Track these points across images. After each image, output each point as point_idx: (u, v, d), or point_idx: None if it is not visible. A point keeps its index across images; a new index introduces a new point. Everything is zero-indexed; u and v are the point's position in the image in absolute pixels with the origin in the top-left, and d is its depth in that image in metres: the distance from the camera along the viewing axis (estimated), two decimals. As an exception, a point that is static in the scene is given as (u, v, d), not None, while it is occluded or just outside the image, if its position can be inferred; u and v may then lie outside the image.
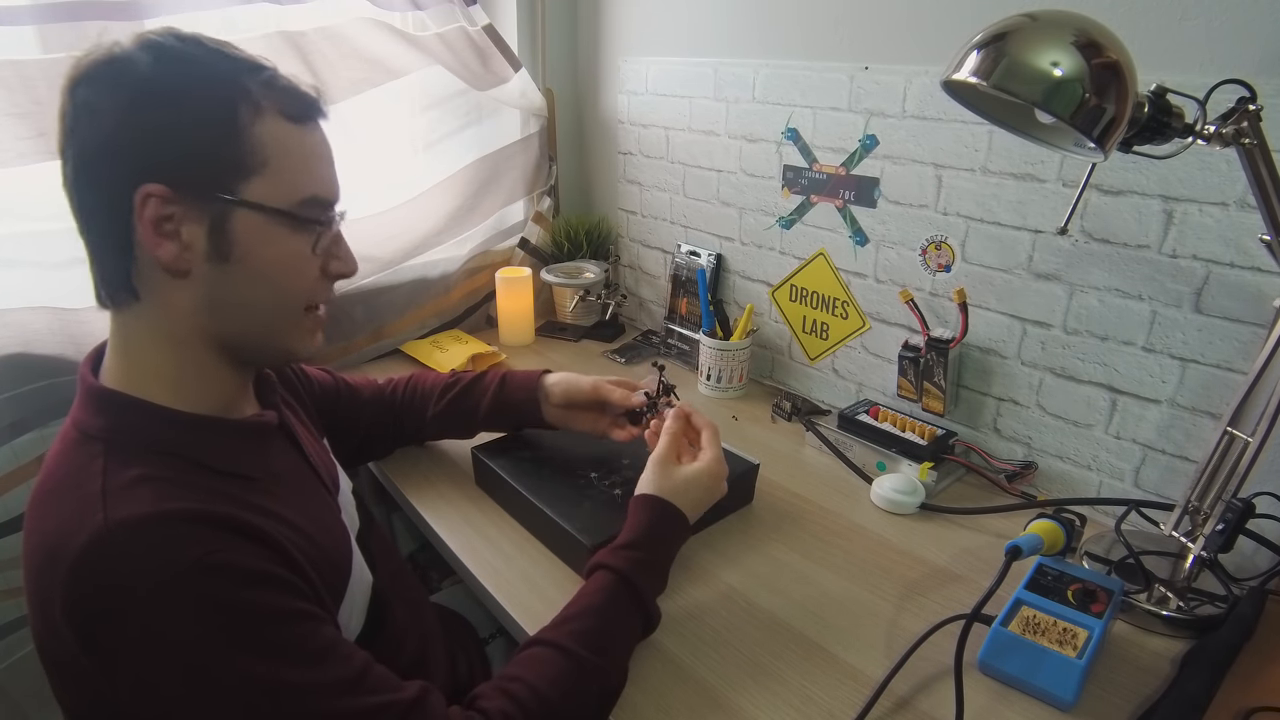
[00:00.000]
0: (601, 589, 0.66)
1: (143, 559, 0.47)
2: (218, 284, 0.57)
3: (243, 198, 0.55)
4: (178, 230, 0.54)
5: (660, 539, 0.72)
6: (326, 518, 0.67)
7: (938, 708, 0.64)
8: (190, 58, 0.54)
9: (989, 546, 0.86)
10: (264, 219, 0.56)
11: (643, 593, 0.67)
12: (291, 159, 0.57)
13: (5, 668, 1.00)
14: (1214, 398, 0.81)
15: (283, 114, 0.57)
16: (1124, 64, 0.59)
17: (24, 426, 0.95)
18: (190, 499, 0.51)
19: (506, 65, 1.33)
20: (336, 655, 0.52)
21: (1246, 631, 0.69)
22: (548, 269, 1.46)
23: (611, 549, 0.70)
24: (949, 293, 1.00)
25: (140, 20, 0.95)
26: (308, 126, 0.59)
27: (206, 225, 0.55)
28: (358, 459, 0.98)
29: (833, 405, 1.17)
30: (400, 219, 1.30)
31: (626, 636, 0.66)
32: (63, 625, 0.47)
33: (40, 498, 0.54)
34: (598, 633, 0.63)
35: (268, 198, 0.56)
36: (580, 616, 0.64)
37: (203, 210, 0.54)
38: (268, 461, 0.63)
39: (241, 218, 0.56)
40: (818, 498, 0.95)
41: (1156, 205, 0.81)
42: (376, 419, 0.94)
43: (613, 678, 0.63)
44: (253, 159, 0.55)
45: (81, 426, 0.55)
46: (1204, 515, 0.75)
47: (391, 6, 1.19)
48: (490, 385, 0.95)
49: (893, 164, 1.02)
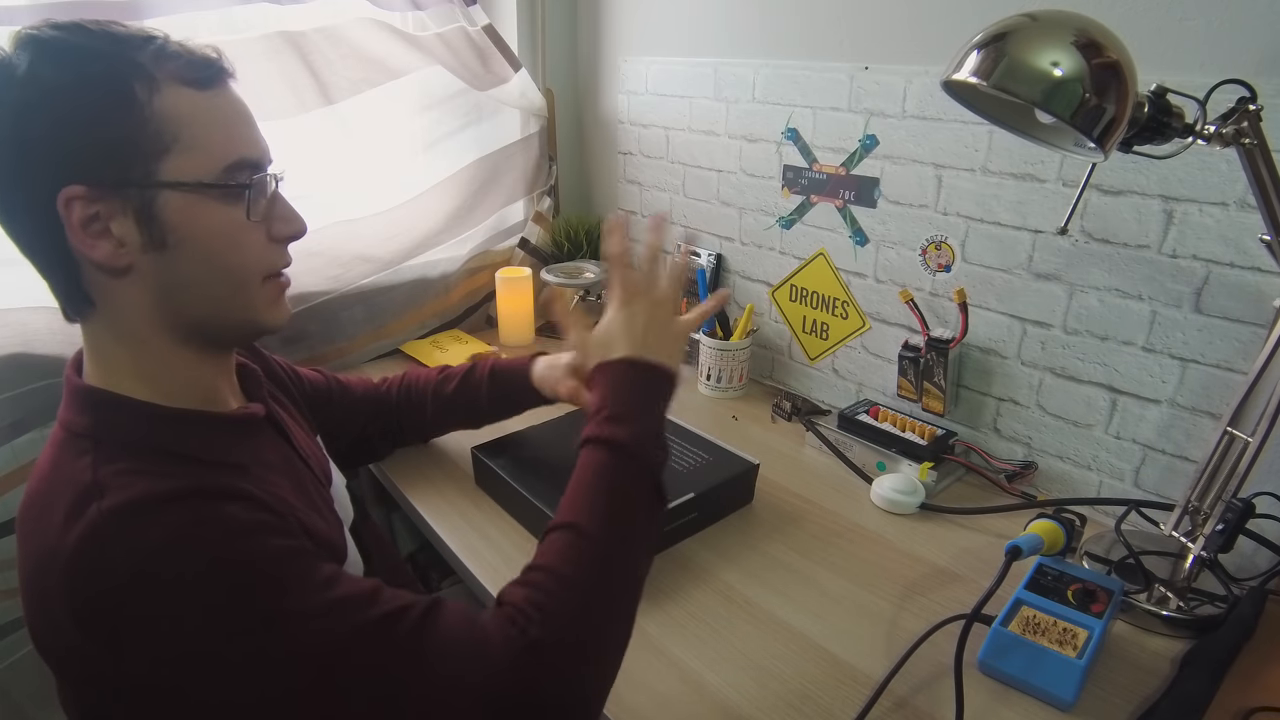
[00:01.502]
0: (588, 464, 0.62)
1: (141, 539, 0.47)
2: (163, 272, 0.55)
3: (162, 179, 0.52)
4: (107, 227, 0.52)
5: (633, 389, 0.65)
6: (320, 503, 0.66)
7: (938, 708, 0.64)
8: (71, 46, 0.51)
9: (989, 546, 0.86)
10: (189, 196, 0.54)
11: (629, 448, 0.61)
12: (203, 127, 0.54)
13: (5, 668, 1.00)
14: (1214, 398, 0.81)
15: (183, 82, 0.53)
16: (1124, 64, 0.59)
17: (24, 426, 0.95)
18: (175, 480, 0.51)
19: (506, 65, 1.33)
20: (345, 579, 0.52)
21: (1246, 631, 0.70)
22: (548, 269, 1.46)
23: (589, 420, 0.64)
24: (949, 293, 1.00)
25: (140, 20, 0.95)
26: (214, 90, 0.55)
27: (134, 216, 0.53)
28: (355, 459, 0.97)
29: (833, 405, 1.17)
30: (400, 219, 1.30)
31: (635, 499, 0.61)
32: (66, 618, 0.47)
33: (31, 499, 0.53)
34: (604, 500, 0.59)
35: (187, 173, 0.53)
36: (580, 489, 0.61)
37: (126, 201, 0.52)
38: (256, 453, 0.62)
39: (167, 200, 0.53)
40: (818, 498, 0.95)
41: (1156, 205, 0.81)
42: (374, 418, 0.93)
43: (632, 544, 0.60)
44: (162, 136, 0.52)
45: (68, 426, 0.55)
46: (1204, 515, 0.75)
47: (391, 6, 1.20)
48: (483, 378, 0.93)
49: (893, 164, 1.02)
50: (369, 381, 0.96)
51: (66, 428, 0.55)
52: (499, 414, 0.97)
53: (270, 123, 1.08)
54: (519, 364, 0.93)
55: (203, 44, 0.56)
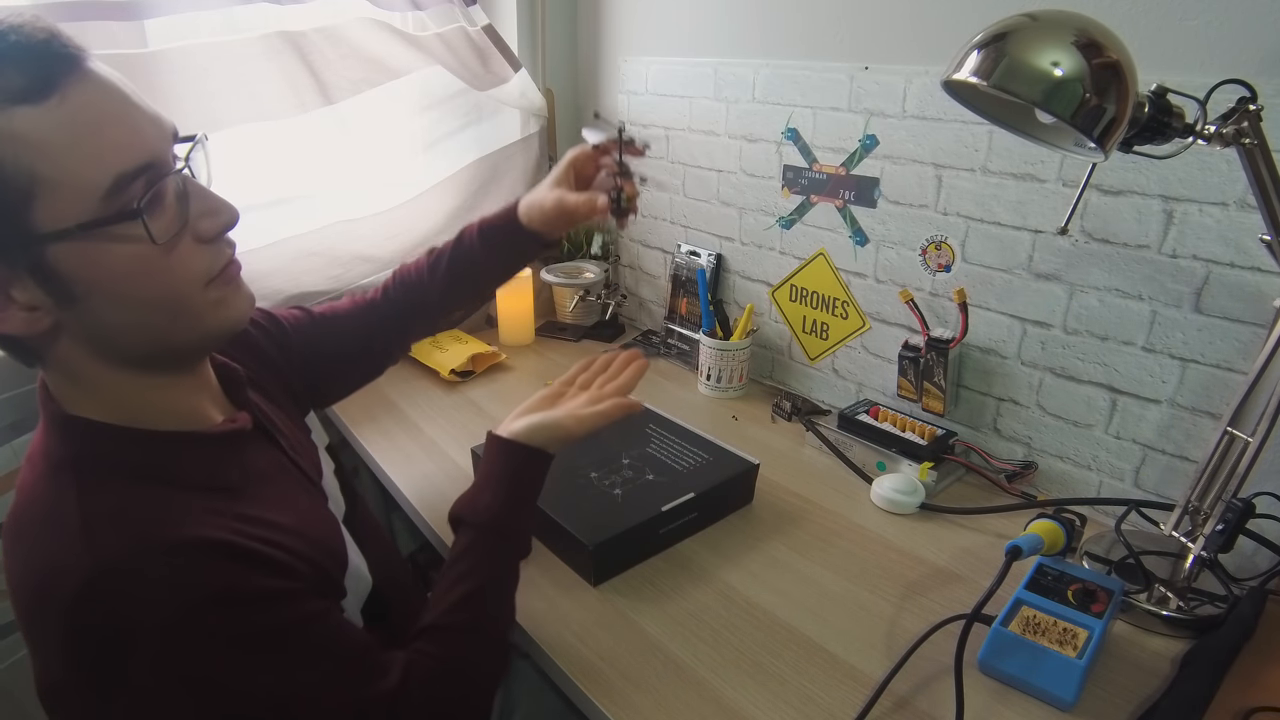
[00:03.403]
0: (467, 547, 0.67)
1: (138, 597, 0.46)
2: (89, 323, 0.50)
3: (39, 231, 0.45)
4: (10, 297, 0.47)
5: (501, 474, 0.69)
6: (315, 510, 0.66)
7: (938, 708, 0.64)
8: None
9: (989, 546, 0.86)
10: (76, 243, 0.46)
11: (501, 532, 0.67)
12: (59, 153, 0.44)
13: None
14: (1214, 398, 0.81)
15: (13, 100, 0.43)
16: (1124, 64, 0.59)
17: (24, 426, 0.95)
18: (173, 526, 0.49)
19: (506, 65, 1.33)
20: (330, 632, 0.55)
21: (1246, 631, 0.69)
22: (548, 269, 1.46)
23: (462, 500, 0.69)
24: (949, 293, 1.00)
25: (140, 20, 0.95)
26: (59, 97, 0.45)
27: (29, 278, 0.47)
28: (371, 374, 0.91)
29: (833, 405, 1.17)
30: (400, 219, 1.30)
31: (495, 569, 0.67)
32: (60, 663, 0.47)
33: (16, 528, 0.51)
34: (464, 588, 0.64)
35: (64, 217, 0.45)
36: (443, 581, 0.65)
37: (14, 265, 0.46)
38: (245, 466, 0.59)
39: (56, 253, 0.46)
40: (818, 498, 0.95)
41: (1156, 205, 0.81)
42: (376, 329, 0.87)
43: (498, 615, 0.66)
44: (16, 181, 0.44)
45: (49, 457, 0.52)
46: (1204, 515, 0.75)
47: (391, 6, 1.19)
48: (472, 236, 0.88)
49: (893, 164, 1.02)
50: (359, 297, 0.89)
51: (48, 459, 0.52)
52: (503, 268, 0.91)
53: (270, 123, 1.09)
54: (504, 210, 0.88)
55: (32, 28, 0.44)
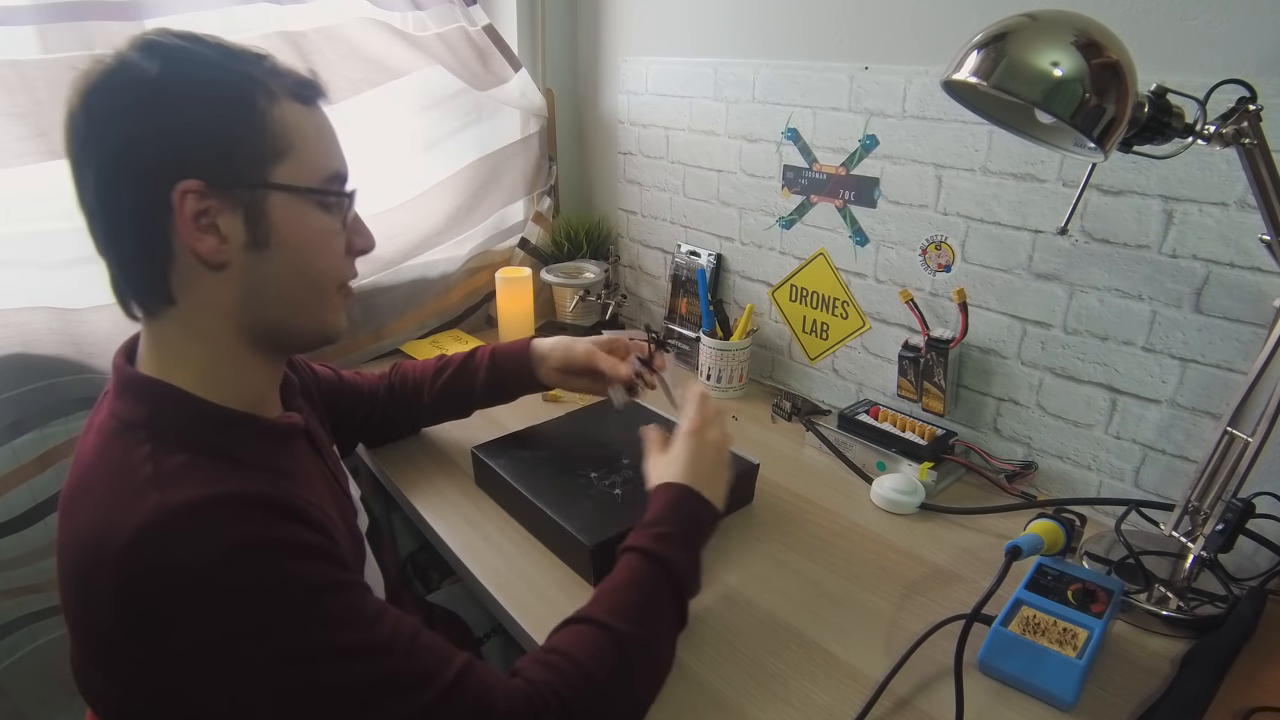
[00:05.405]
0: (630, 568, 0.66)
1: (199, 539, 0.47)
2: (255, 272, 0.58)
3: (274, 181, 0.56)
4: (215, 223, 0.55)
5: (685, 516, 0.71)
6: (347, 516, 0.68)
7: (938, 708, 0.64)
8: (195, 54, 0.55)
9: (989, 546, 0.86)
10: (297, 200, 0.58)
11: (673, 568, 0.66)
12: (310, 139, 0.59)
13: (5, 667, 1.00)
14: (1214, 398, 0.81)
15: (294, 97, 0.58)
16: (1124, 64, 0.59)
17: (24, 427, 0.96)
18: (239, 483, 0.51)
19: (506, 65, 1.33)
20: (388, 616, 0.53)
21: (1246, 631, 0.69)
22: (548, 269, 1.46)
23: (637, 530, 0.70)
24: (949, 293, 1.00)
25: (140, 20, 0.95)
26: (315, 107, 0.61)
27: (242, 214, 0.56)
28: (352, 444, 1.00)
29: (833, 405, 1.17)
30: (400, 219, 1.30)
31: (663, 610, 0.65)
32: (112, 612, 0.47)
33: (78, 491, 0.53)
34: (636, 606, 0.63)
35: (298, 179, 0.58)
36: (615, 592, 0.64)
37: (237, 200, 0.55)
38: (297, 461, 0.64)
39: (276, 202, 0.57)
40: (818, 498, 0.95)
41: (1156, 205, 0.81)
42: (374, 408, 0.97)
43: (656, 651, 0.63)
44: (278, 143, 0.56)
45: (121, 416, 0.55)
46: (1204, 515, 0.75)
47: (391, 6, 1.20)
48: (482, 363, 0.97)
49: (893, 164, 1.02)
50: (367, 375, 0.99)
51: (119, 417, 0.55)
52: (492, 399, 1.00)
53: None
54: (518, 347, 0.97)
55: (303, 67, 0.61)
